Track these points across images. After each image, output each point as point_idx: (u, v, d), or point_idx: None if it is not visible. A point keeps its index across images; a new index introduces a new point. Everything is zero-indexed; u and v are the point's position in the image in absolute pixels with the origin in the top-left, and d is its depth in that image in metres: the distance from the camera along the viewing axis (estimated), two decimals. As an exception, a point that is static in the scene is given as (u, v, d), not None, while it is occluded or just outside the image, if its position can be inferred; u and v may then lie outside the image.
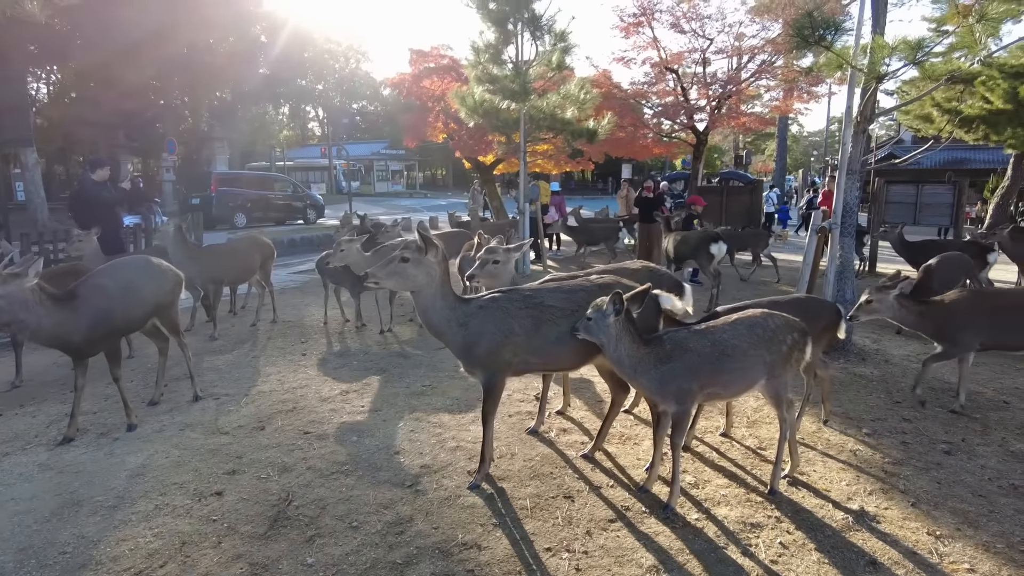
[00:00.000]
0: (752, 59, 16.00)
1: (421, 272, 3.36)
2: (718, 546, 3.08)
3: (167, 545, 3.06)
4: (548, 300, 3.55)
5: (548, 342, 3.49)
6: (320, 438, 4.27)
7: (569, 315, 3.49)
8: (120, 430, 4.45)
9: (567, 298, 3.58)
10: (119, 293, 4.45)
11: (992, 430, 4.59)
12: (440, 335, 3.55)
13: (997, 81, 12.22)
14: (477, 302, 3.51)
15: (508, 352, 3.45)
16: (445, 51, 16.66)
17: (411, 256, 3.33)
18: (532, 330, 3.46)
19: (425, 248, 3.36)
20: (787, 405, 3.56)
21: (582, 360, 3.68)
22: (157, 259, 5.07)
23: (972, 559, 3.03)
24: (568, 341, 3.48)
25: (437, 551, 3.01)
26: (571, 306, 3.52)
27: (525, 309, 3.49)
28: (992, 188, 19.79)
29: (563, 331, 3.47)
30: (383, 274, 3.35)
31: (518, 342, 3.44)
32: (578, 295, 3.59)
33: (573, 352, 3.57)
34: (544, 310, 3.50)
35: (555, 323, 3.49)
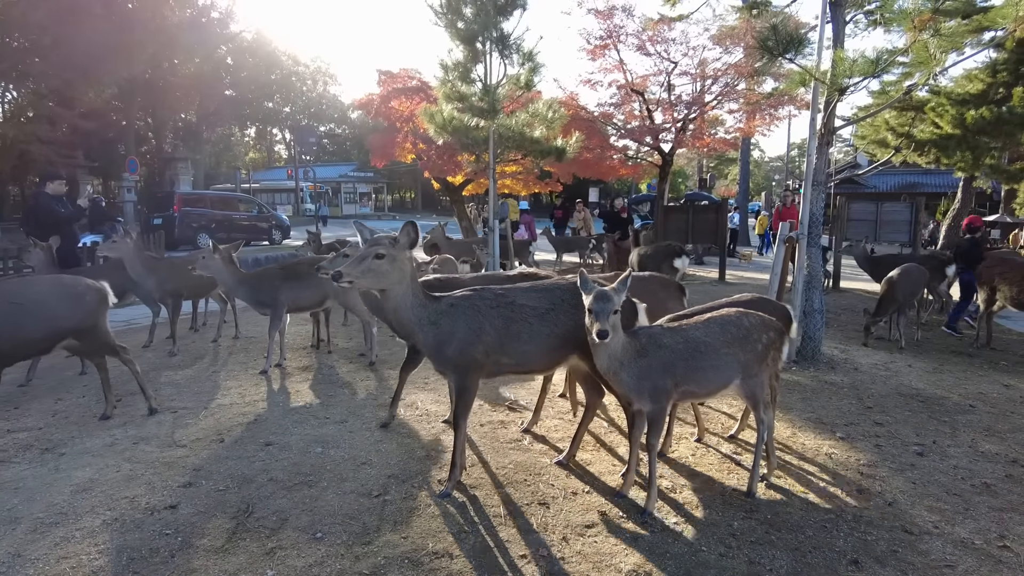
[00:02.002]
0: (715, 82, 16.34)
1: (395, 269, 3.23)
2: (698, 548, 2.98)
3: (113, 562, 2.84)
4: (520, 299, 3.46)
5: (520, 342, 3.40)
6: (283, 449, 4.07)
7: (542, 314, 3.41)
8: (67, 445, 4.18)
9: (541, 297, 3.50)
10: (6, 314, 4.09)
11: (961, 432, 4.61)
12: (411, 334, 3.44)
13: (946, 107, 12.73)
14: (448, 300, 3.40)
15: (479, 352, 3.34)
16: (414, 74, 16.70)
17: (386, 252, 3.19)
18: (503, 329, 3.36)
19: (400, 243, 3.25)
20: (764, 406, 3.51)
21: (555, 362, 3.58)
22: (75, 277, 4.69)
23: (951, 556, 2.99)
24: (541, 341, 3.40)
25: (406, 560, 2.85)
26: (544, 305, 3.44)
27: (497, 308, 3.39)
28: (944, 211, 20.52)
29: (536, 331, 3.39)
30: (357, 272, 3.17)
31: (489, 341, 3.34)
32: (553, 294, 3.51)
33: (546, 353, 3.48)
34: (516, 309, 3.41)
35: (527, 322, 3.40)
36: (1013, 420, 4.91)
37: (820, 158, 6.48)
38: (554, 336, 3.42)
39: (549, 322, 3.42)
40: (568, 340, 3.43)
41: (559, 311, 3.44)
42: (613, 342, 3.01)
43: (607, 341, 2.91)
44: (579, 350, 3.45)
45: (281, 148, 58.35)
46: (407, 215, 45.39)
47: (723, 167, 53.31)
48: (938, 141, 13.10)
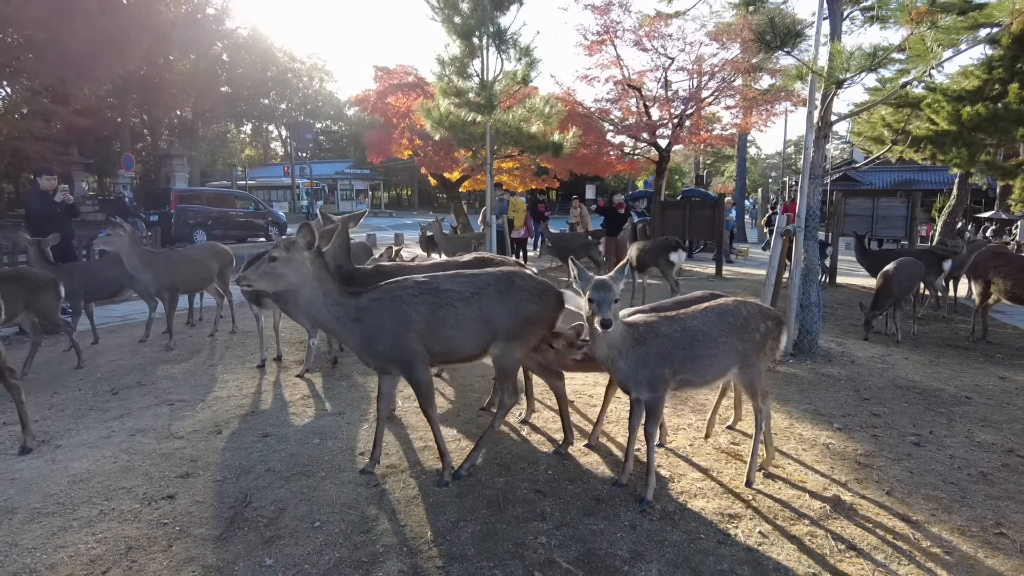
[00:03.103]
0: (712, 78, 16.35)
1: (292, 271, 3.16)
2: (697, 535, 2.99)
3: (111, 550, 2.83)
4: (444, 285, 3.43)
5: (446, 328, 3.35)
6: (280, 440, 4.07)
7: (467, 299, 3.39)
8: (63, 437, 4.17)
9: (466, 282, 3.47)
10: None
11: (957, 423, 4.63)
12: (335, 333, 3.43)
13: (942, 104, 12.76)
14: (370, 294, 3.35)
15: (413, 341, 3.30)
16: (411, 70, 16.67)
17: (279, 255, 3.15)
18: (430, 316, 3.32)
19: (296, 244, 3.17)
20: (762, 395, 3.52)
21: (483, 348, 3.50)
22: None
23: (948, 543, 3.00)
24: (466, 327, 3.38)
25: (404, 548, 2.85)
26: (469, 290, 3.41)
27: (421, 295, 3.34)
28: (940, 207, 20.58)
29: (460, 316, 3.36)
30: (255, 276, 3.17)
31: (419, 329, 3.30)
32: (478, 279, 3.50)
33: (474, 339, 3.44)
34: (441, 295, 3.36)
35: (452, 307, 3.35)
36: (1009, 411, 4.92)
37: (817, 152, 6.48)
38: (479, 321, 3.40)
39: (474, 307, 3.38)
40: (493, 325, 3.42)
41: (484, 296, 3.41)
42: (613, 331, 3.01)
43: (611, 331, 2.91)
44: (499, 339, 3.46)
45: (277, 145, 58.20)
46: (404, 212, 45.40)
47: (720, 164, 53.39)
48: (934, 137, 13.14)
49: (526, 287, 3.50)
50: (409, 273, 4.41)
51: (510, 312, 3.43)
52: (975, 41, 12.14)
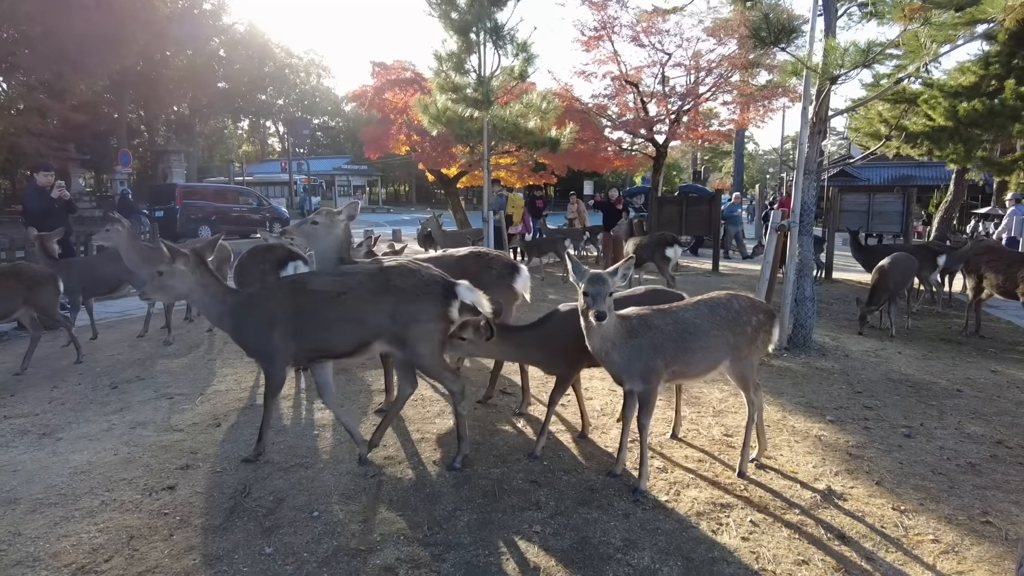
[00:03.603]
0: (709, 73, 16.38)
1: (177, 282, 3.56)
2: (689, 524, 3.04)
3: (113, 540, 2.88)
4: (313, 284, 3.56)
5: (313, 327, 3.48)
6: (279, 433, 4.11)
7: (333, 299, 3.47)
8: (64, 430, 4.22)
9: (336, 282, 3.55)
10: None
11: (948, 415, 4.69)
12: (225, 331, 3.73)
13: (939, 100, 12.80)
14: (247, 292, 3.69)
15: (277, 338, 3.46)
16: (408, 65, 16.66)
17: (164, 270, 3.55)
18: (295, 315, 3.47)
19: (174, 258, 3.52)
20: (754, 387, 3.57)
21: (356, 347, 3.56)
22: None
23: (936, 531, 3.06)
24: (335, 326, 3.47)
25: (402, 537, 2.90)
26: (338, 289, 3.49)
27: (289, 295, 3.53)
28: (936, 203, 20.66)
29: (326, 316, 3.45)
30: (151, 290, 3.66)
31: (284, 328, 3.46)
32: (349, 279, 3.55)
33: (342, 337, 3.51)
34: (308, 295, 3.49)
35: (319, 307, 3.47)
36: (999, 404, 4.98)
37: (812, 147, 6.53)
38: (347, 320, 3.46)
39: (340, 306, 3.46)
40: (365, 324, 3.46)
41: (353, 295, 3.47)
42: (607, 324, 3.06)
43: (604, 323, 2.96)
44: (382, 337, 3.49)
45: (274, 141, 58.11)
46: (402, 208, 45.38)
47: (717, 160, 53.42)
48: (931, 133, 13.16)
49: (402, 286, 3.47)
50: None
51: (387, 310, 3.44)
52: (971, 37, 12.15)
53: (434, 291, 3.50)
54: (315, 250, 4.37)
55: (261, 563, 2.70)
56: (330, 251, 4.27)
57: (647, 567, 2.70)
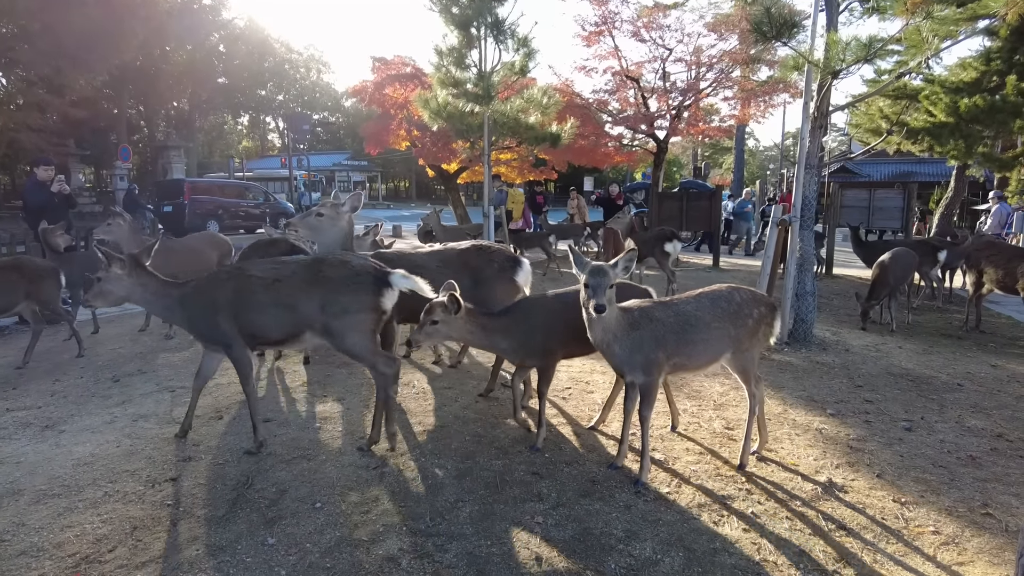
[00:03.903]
0: (710, 69, 16.35)
1: (115, 286, 3.66)
2: (690, 516, 3.05)
3: (117, 530, 2.89)
4: (252, 271, 3.65)
5: (249, 312, 3.56)
6: (281, 425, 4.12)
7: (268, 286, 3.55)
8: (67, 423, 4.23)
9: (272, 269, 3.64)
10: None
11: (948, 409, 4.70)
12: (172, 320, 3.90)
13: (940, 95, 12.78)
14: (192, 283, 3.74)
15: (224, 322, 3.56)
16: (408, 60, 16.63)
17: (102, 275, 3.64)
18: (235, 301, 3.56)
19: (110, 263, 3.61)
20: (755, 380, 3.58)
21: (288, 334, 3.64)
22: None
23: (936, 522, 3.07)
24: (270, 312, 3.55)
25: (404, 528, 2.91)
26: (272, 276, 3.58)
27: (228, 281, 3.63)
28: (937, 200, 20.63)
29: (261, 302, 3.54)
30: (91, 296, 3.71)
31: (227, 312, 3.56)
32: (286, 267, 3.65)
33: (276, 323, 3.59)
34: (247, 280, 3.58)
35: (255, 293, 3.54)
36: (1000, 398, 4.99)
37: (813, 142, 6.52)
38: (281, 307, 3.54)
39: (274, 293, 3.54)
40: (296, 312, 3.53)
41: (287, 283, 3.55)
42: (608, 316, 3.07)
43: (605, 315, 2.96)
44: (312, 327, 3.55)
45: (274, 137, 58.00)
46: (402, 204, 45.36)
47: (718, 156, 53.32)
48: (932, 129, 13.15)
49: (333, 276, 3.53)
50: (408, 260, 4.51)
51: (317, 300, 3.50)
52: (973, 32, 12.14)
53: (364, 281, 3.54)
54: (319, 243, 4.39)
55: (264, 553, 2.71)
56: (335, 243, 4.31)
57: (649, 558, 2.71)
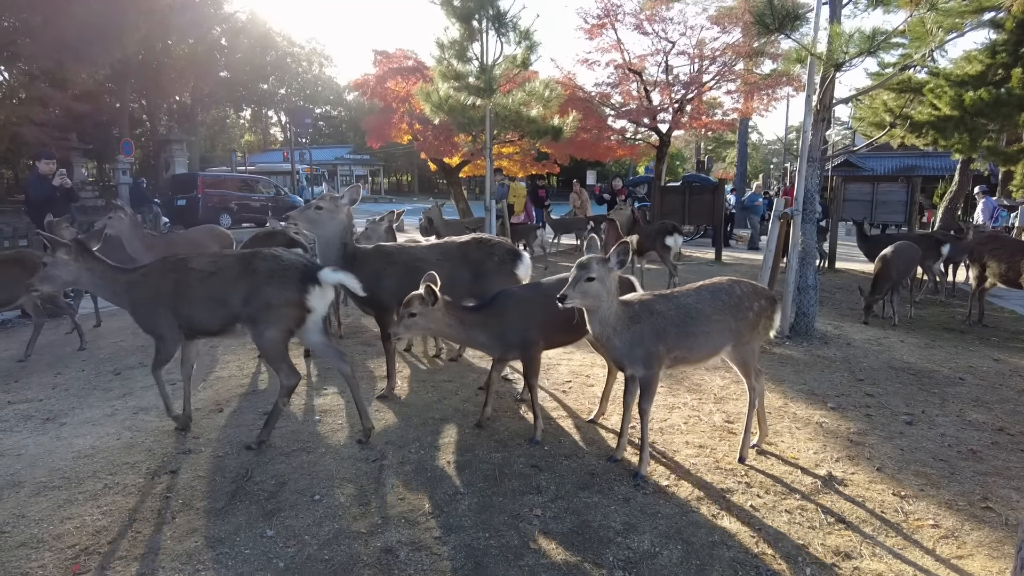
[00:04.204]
0: (713, 62, 16.28)
1: (62, 271, 3.71)
2: (689, 509, 3.05)
3: (116, 522, 2.90)
4: (191, 263, 3.72)
5: (186, 303, 3.63)
6: (282, 418, 4.09)
7: (204, 278, 3.62)
8: (67, 415, 4.24)
9: (208, 262, 3.72)
10: None
11: (950, 403, 4.68)
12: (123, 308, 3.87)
13: (944, 89, 12.70)
14: (138, 270, 3.84)
15: (164, 313, 3.64)
16: (410, 54, 16.59)
17: (48, 260, 3.72)
18: (175, 293, 3.63)
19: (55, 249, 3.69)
20: (755, 373, 3.57)
21: (221, 326, 3.70)
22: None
23: (936, 515, 3.06)
24: (204, 304, 3.61)
25: (403, 520, 2.91)
26: (209, 269, 3.66)
27: (169, 273, 3.69)
28: (941, 194, 20.53)
29: (197, 294, 3.61)
30: (37, 281, 3.77)
31: (167, 303, 3.63)
32: (222, 260, 3.74)
33: (209, 315, 3.65)
34: (187, 272, 3.66)
35: (192, 284, 3.62)
36: (1001, 392, 4.98)
37: (816, 135, 6.49)
38: (213, 300, 3.60)
39: (208, 285, 3.61)
40: (227, 304, 3.59)
41: (220, 276, 3.61)
42: (604, 310, 3.07)
43: (565, 304, 2.98)
44: (240, 318, 3.60)
45: (277, 131, 57.94)
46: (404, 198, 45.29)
47: (721, 150, 53.18)
48: (936, 123, 13.10)
49: (261, 269, 3.58)
50: (410, 253, 4.51)
51: (244, 294, 3.55)
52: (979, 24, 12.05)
53: (290, 276, 3.57)
54: (318, 236, 4.38)
55: (263, 545, 2.72)
56: (334, 236, 4.30)
57: (647, 551, 2.71)
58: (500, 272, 4.44)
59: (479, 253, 4.55)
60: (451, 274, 4.26)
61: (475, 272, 4.48)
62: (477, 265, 4.50)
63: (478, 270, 4.49)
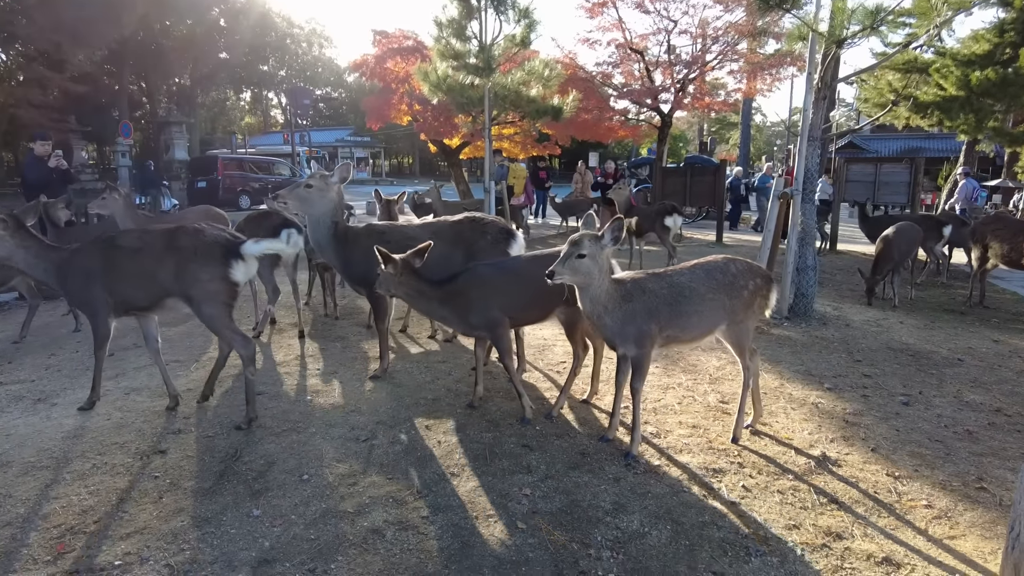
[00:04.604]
0: (716, 41, 16.07)
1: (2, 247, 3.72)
2: (680, 489, 3.02)
3: (103, 502, 2.88)
4: (121, 241, 3.75)
5: (117, 280, 3.65)
6: (273, 398, 4.11)
7: (132, 254, 3.64)
8: (59, 396, 4.23)
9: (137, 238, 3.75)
10: None
11: (947, 384, 4.65)
12: (54, 286, 3.92)
13: (950, 68, 12.50)
14: (70, 249, 3.84)
15: (97, 290, 3.65)
16: (410, 34, 16.40)
17: None
18: (107, 270, 3.65)
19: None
20: (750, 353, 3.52)
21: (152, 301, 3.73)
22: None
23: (929, 496, 3.03)
24: (134, 280, 3.63)
25: (391, 500, 2.89)
26: (136, 245, 3.67)
27: (105, 250, 3.70)
28: (945, 175, 20.35)
29: (127, 271, 3.64)
30: None
31: (99, 280, 3.65)
32: (149, 236, 3.74)
33: (140, 291, 3.68)
34: (119, 251, 3.67)
35: (122, 262, 3.64)
36: (1000, 372, 4.94)
37: (817, 114, 6.39)
38: (143, 276, 3.63)
39: (137, 262, 3.63)
40: (155, 280, 3.61)
41: (147, 252, 3.63)
42: (595, 288, 3.02)
43: (554, 281, 2.94)
44: (172, 294, 3.63)
45: (277, 113, 57.56)
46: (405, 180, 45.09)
47: (724, 131, 52.73)
48: (941, 103, 12.92)
49: (184, 245, 3.59)
50: (402, 232, 4.46)
51: (170, 269, 3.57)
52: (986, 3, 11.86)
53: (213, 252, 3.58)
54: (309, 215, 4.33)
55: (249, 525, 2.70)
56: (324, 215, 4.25)
57: (636, 531, 2.69)
58: (493, 251, 4.39)
59: (472, 232, 4.50)
60: (444, 253, 4.21)
61: (468, 251, 4.43)
62: (470, 244, 4.45)
63: (471, 249, 4.44)
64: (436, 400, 4.09)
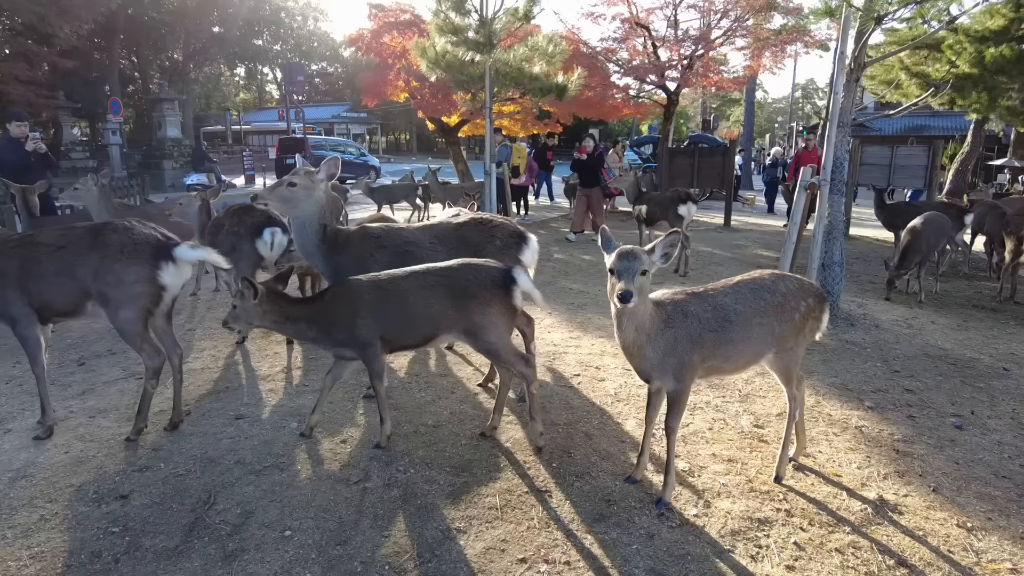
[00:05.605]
0: (724, 16, 15.41)
1: None
2: (723, 548, 2.60)
3: (47, 569, 2.45)
4: (39, 238, 3.42)
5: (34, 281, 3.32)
6: (253, 424, 3.66)
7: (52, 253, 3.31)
8: (14, 420, 3.78)
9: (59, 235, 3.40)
10: None
11: (999, 401, 4.22)
12: None
13: (964, 45, 11.95)
14: None
15: (12, 294, 3.31)
16: (407, 7, 15.73)
17: None
18: (22, 271, 3.32)
19: None
20: (798, 381, 3.08)
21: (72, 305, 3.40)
22: None
23: (1013, 555, 2.61)
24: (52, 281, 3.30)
25: (387, 566, 2.46)
26: (57, 243, 3.35)
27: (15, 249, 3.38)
28: (951, 155, 19.80)
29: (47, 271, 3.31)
30: None
31: (13, 282, 3.31)
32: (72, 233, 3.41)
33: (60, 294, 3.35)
34: (34, 247, 3.36)
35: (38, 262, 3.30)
36: (1053, 385, 4.52)
37: (848, 96, 5.89)
38: (63, 276, 3.31)
39: (57, 261, 3.31)
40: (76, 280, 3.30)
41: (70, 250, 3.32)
42: (640, 310, 2.55)
43: (630, 306, 2.44)
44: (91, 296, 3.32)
45: (272, 88, 56.39)
46: (402, 157, 44.35)
47: (726, 108, 51.86)
48: (954, 81, 12.43)
49: (112, 242, 3.29)
50: (397, 235, 3.99)
51: (93, 269, 3.27)
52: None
53: (141, 252, 3.29)
54: (293, 217, 3.85)
55: (218, 602, 2.28)
56: (310, 217, 3.77)
57: (677, 607, 2.27)
58: (503, 257, 3.89)
59: (479, 236, 4.01)
60: (447, 260, 3.73)
61: (475, 257, 3.95)
62: (477, 249, 3.95)
63: (478, 255, 3.96)
64: (438, 427, 3.65)
